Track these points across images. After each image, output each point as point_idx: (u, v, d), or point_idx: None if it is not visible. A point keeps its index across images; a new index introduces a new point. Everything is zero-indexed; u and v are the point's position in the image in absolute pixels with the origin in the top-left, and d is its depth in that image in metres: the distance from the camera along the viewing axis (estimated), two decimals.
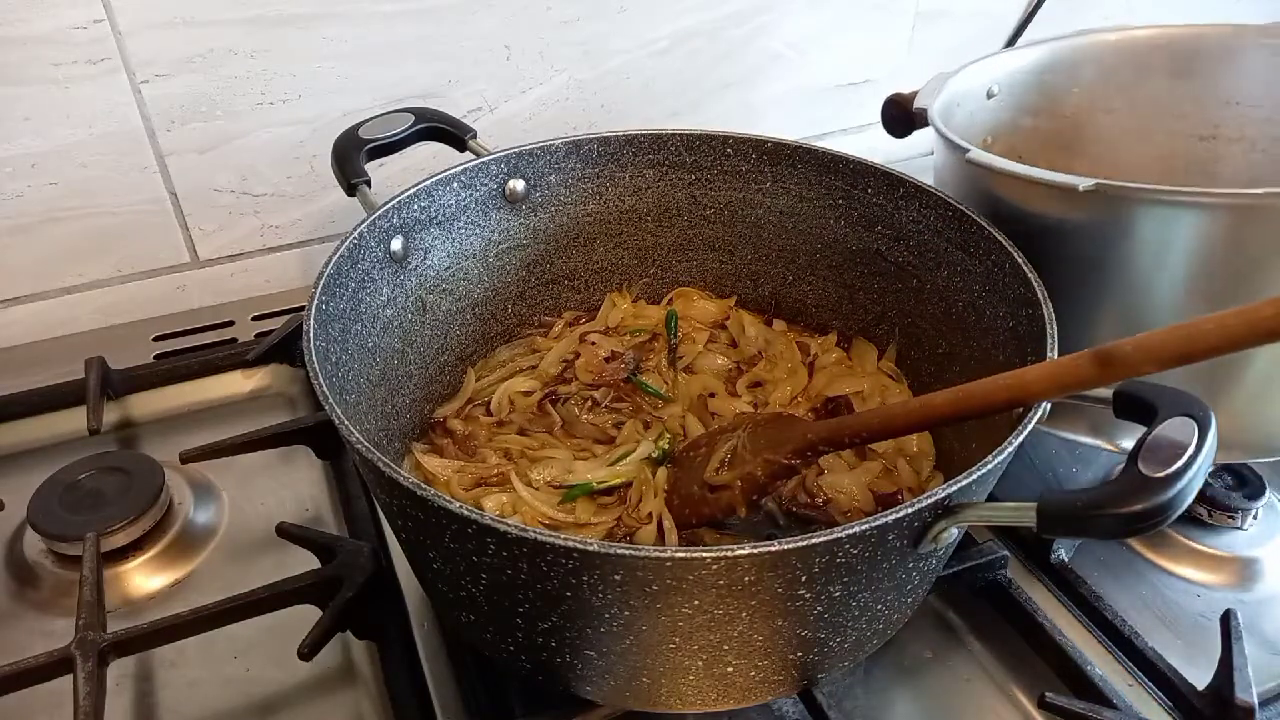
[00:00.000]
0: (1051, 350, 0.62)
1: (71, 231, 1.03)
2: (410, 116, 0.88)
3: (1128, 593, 0.79)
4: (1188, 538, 0.82)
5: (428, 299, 0.84)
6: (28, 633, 0.76)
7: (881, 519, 0.49)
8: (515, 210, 0.89)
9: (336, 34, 1.03)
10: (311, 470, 0.91)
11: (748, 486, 0.71)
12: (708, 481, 0.73)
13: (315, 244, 1.15)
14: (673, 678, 0.59)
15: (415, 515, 0.56)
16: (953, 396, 0.60)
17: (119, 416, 0.97)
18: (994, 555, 0.76)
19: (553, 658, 0.59)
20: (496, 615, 0.59)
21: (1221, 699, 0.67)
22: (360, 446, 0.54)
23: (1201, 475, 0.47)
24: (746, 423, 0.75)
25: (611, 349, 0.91)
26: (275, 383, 1.01)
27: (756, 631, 0.55)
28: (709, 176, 0.92)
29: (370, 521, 0.83)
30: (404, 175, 0.81)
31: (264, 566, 0.80)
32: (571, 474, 0.78)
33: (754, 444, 0.72)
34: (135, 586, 0.80)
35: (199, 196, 1.07)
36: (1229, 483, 0.84)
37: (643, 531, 0.74)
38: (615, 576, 0.50)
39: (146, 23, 0.96)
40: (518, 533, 0.49)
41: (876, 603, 0.59)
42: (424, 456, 0.80)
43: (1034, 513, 0.48)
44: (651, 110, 1.22)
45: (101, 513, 0.80)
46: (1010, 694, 0.72)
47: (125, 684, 0.72)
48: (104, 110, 0.98)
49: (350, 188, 0.82)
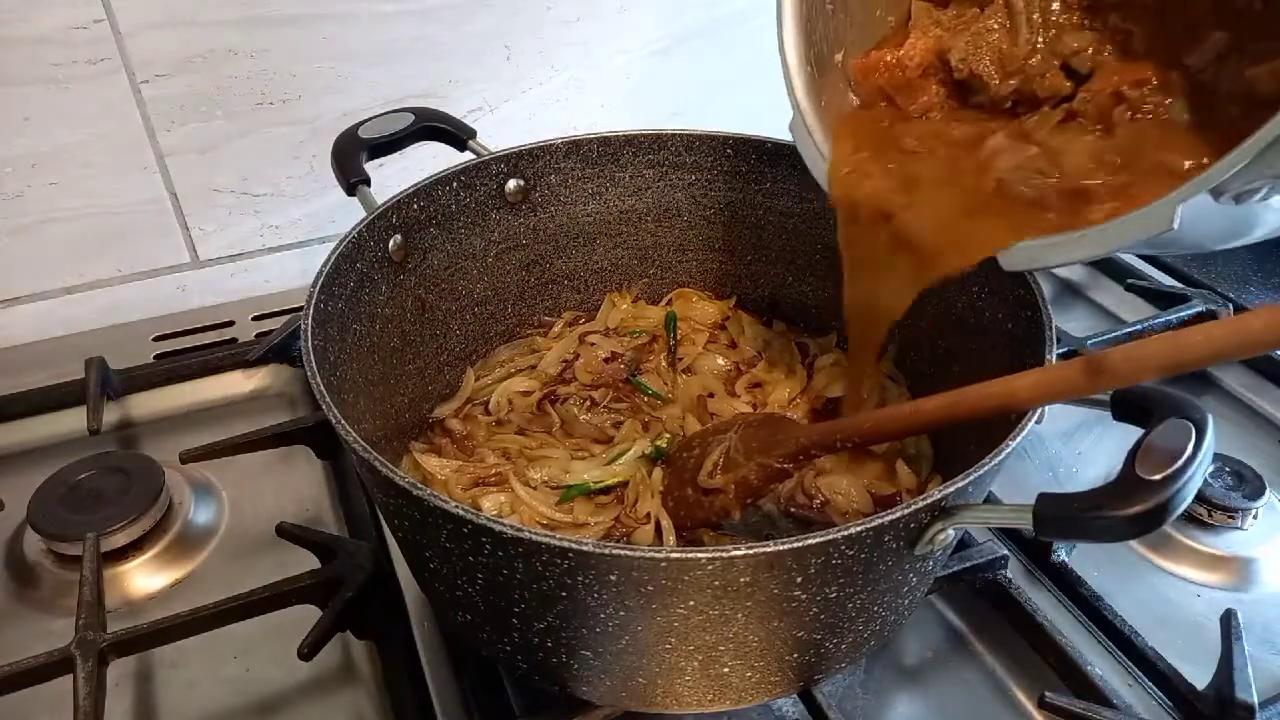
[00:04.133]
0: (1050, 353, 0.62)
1: (71, 231, 1.03)
2: (410, 116, 0.88)
3: (1128, 593, 0.79)
4: (1188, 538, 0.82)
5: (427, 299, 0.84)
6: (28, 633, 0.76)
7: (877, 520, 0.49)
8: (515, 210, 0.89)
9: (336, 34, 1.03)
10: (311, 470, 0.91)
11: (741, 490, 0.71)
12: (701, 485, 0.72)
13: (315, 244, 1.15)
14: (669, 678, 0.59)
15: (411, 515, 0.56)
16: (943, 402, 0.61)
17: (119, 416, 0.97)
18: (994, 555, 0.76)
19: (549, 658, 0.59)
20: (493, 615, 0.59)
21: (1221, 699, 0.67)
22: (356, 445, 0.54)
23: (1198, 478, 0.47)
24: (739, 424, 0.75)
25: (611, 350, 0.91)
26: (275, 383, 1.01)
27: (752, 632, 0.55)
28: (709, 177, 0.92)
29: (370, 521, 0.83)
30: (404, 175, 0.81)
31: (264, 566, 0.80)
32: (568, 474, 0.78)
33: (746, 447, 0.72)
34: (135, 586, 0.80)
35: (199, 196, 1.07)
36: (1229, 483, 0.83)
37: (640, 532, 0.74)
38: (610, 577, 0.50)
39: (146, 23, 0.96)
40: (513, 533, 0.49)
41: (873, 604, 0.58)
42: (422, 456, 0.80)
43: (1030, 515, 0.48)
44: (651, 110, 1.22)
45: (101, 513, 0.80)
46: (1010, 694, 0.72)
47: (125, 684, 0.73)
48: (104, 110, 0.98)
49: (350, 187, 0.82)
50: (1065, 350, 0.96)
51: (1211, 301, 1.05)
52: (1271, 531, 0.82)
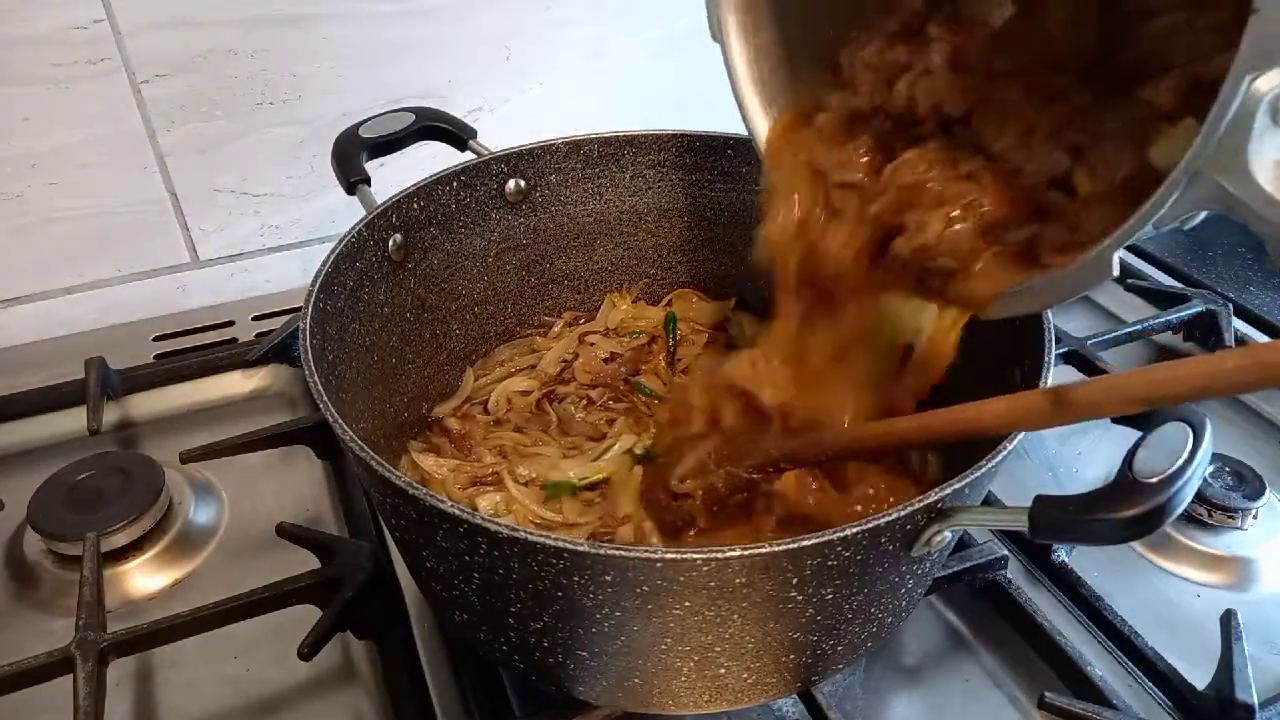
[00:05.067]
0: (1049, 353, 0.62)
1: (71, 231, 1.03)
2: (410, 116, 0.88)
3: (1128, 593, 0.78)
4: (1188, 538, 0.82)
5: (427, 298, 0.84)
6: (28, 633, 0.76)
7: (873, 522, 0.49)
8: (515, 210, 0.89)
9: (336, 34, 1.03)
10: (311, 470, 0.91)
11: (709, 498, 0.70)
12: (670, 489, 0.72)
13: (315, 244, 1.15)
14: (665, 679, 0.59)
15: (408, 514, 0.56)
16: (915, 424, 0.61)
17: (119, 416, 0.97)
18: (994, 556, 0.76)
19: (545, 658, 0.59)
20: (489, 615, 0.59)
21: (1222, 699, 0.67)
22: (354, 445, 0.55)
23: (1196, 480, 0.46)
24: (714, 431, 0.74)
25: (610, 350, 0.91)
26: (275, 383, 1.01)
27: (749, 634, 0.55)
28: (709, 177, 0.92)
29: (370, 521, 0.83)
30: (404, 175, 0.81)
31: (264, 566, 0.80)
32: (555, 470, 0.78)
33: (719, 455, 0.71)
34: (135, 586, 0.80)
35: (199, 196, 1.07)
36: (1229, 483, 0.83)
37: (621, 531, 0.74)
38: (606, 577, 0.50)
39: (146, 23, 0.96)
40: (508, 532, 0.49)
41: (870, 605, 0.58)
42: (420, 456, 0.81)
43: (1027, 517, 0.48)
44: (652, 110, 1.22)
45: (101, 513, 0.80)
46: (1010, 694, 0.72)
47: (125, 684, 0.73)
48: (104, 110, 0.98)
49: (350, 187, 0.82)
50: (1065, 350, 0.96)
51: (1212, 301, 1.04)
52: (1271, 531, 0.82)
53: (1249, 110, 0.43)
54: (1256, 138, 0.44)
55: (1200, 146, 0.45)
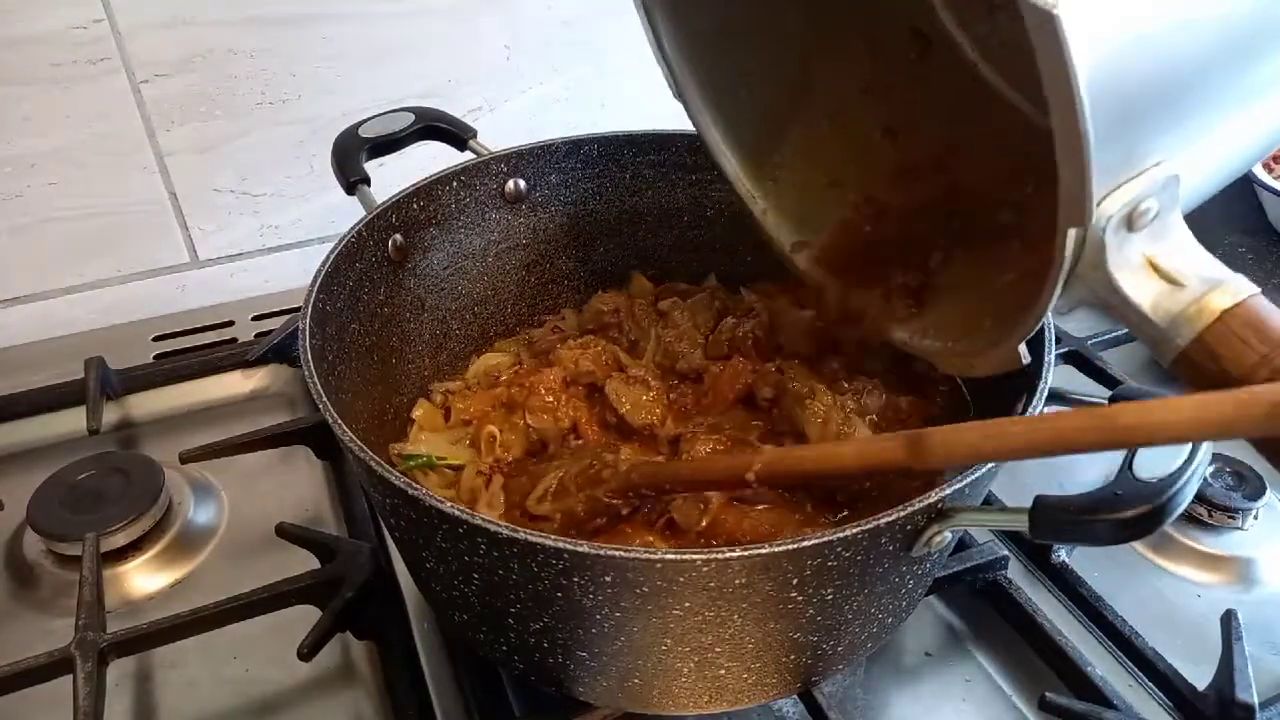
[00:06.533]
0: (1049, 353, 0.62)
1: (71, 231, 1.03)
2: (410, 116, 0.88)
3: (1128, 593, 0.78)
4: (1188, 538, 0.82)
5: (426, 298, 0.84)
6: (28, 633, 0.76)
7: (873, 522, 0.49)
8: (515, 210, 0.88)
9: (336, 34, 1.03)
10: (311, 470, 0.91)
11: (566, 521, 0.67)
12: (527, 509, 0.69)
13: (315, 244, 1.15)
14: (665, 679, 0.59)
15: (408, 515, 0.56)
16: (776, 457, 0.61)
17: (119, 416, 0.97)
18: (994, 556, 0.76)
19: (545, 658, 0.59)
20: (489, 616, 0.59)
21: (1222, 699, 0.67)
22: (353, 445, 0.54)
23: (1195, 481, 0.47)
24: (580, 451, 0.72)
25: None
26: (275, 383, 1.01)
27: (749, 634, 0.55)
28: (709, 177, 0.91)
29: (370, 521, 0.83)
30: (404, 175, 0.81)
31: (264, 566, 0.80)
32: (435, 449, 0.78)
33: (580, 477, 0.68)
34: (135, 586, 0.80)
35: (199, 196, 1.07)
36: (1229, 483, 0.83)
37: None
38: (605, 578, 0.50)
39: (146, 23, 0.96)
40: (508, 533, 0.49)
41: (870, 605, 0.58)
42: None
43: (1027, 518, 0.48)
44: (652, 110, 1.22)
45: (101, 513, 0.80)
46: (1010, 694, 0.72)
47: (125, 684, 0.73)
48: (104, 110, 0.98)
49: (350, 187, 0.82)
50: (1065, 350, 0.96)
51: None
52: (1271, 531, 0.82)
53: (1096, 236, 0.46)
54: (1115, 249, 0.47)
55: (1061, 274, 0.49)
